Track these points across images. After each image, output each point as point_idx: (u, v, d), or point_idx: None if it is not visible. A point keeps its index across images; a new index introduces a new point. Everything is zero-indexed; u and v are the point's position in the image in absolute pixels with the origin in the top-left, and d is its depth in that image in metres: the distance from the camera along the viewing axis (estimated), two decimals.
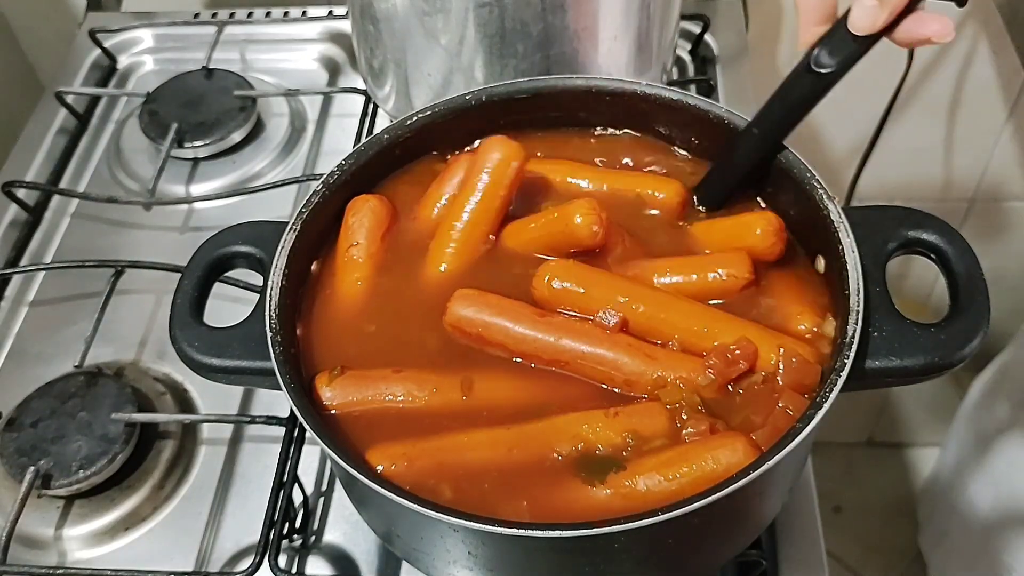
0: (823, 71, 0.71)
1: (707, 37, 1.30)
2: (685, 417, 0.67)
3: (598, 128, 0.88)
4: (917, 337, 0.68)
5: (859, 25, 0.67)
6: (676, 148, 0.87)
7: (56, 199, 1.21)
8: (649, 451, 0.66)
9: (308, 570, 0.87)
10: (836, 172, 1.66)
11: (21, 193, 1.18)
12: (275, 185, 1.14)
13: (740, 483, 0.59)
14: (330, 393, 0.72)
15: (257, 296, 0.75)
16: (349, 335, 0.76)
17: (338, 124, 1.28)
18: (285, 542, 0.85)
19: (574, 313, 0.73)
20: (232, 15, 1.39)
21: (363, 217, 0.81)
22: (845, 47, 0.71)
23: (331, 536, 0.89)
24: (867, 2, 0.66)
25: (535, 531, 0.59)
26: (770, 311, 0.74)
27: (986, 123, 1.62)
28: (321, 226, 0.81)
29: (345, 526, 0.89)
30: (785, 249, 0.76)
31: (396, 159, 0.86)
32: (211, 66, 1.28)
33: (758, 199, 0.82)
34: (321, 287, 0.80)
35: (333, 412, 0.71)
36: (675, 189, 0.82)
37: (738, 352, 0.68)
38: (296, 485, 0.88)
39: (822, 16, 0.71)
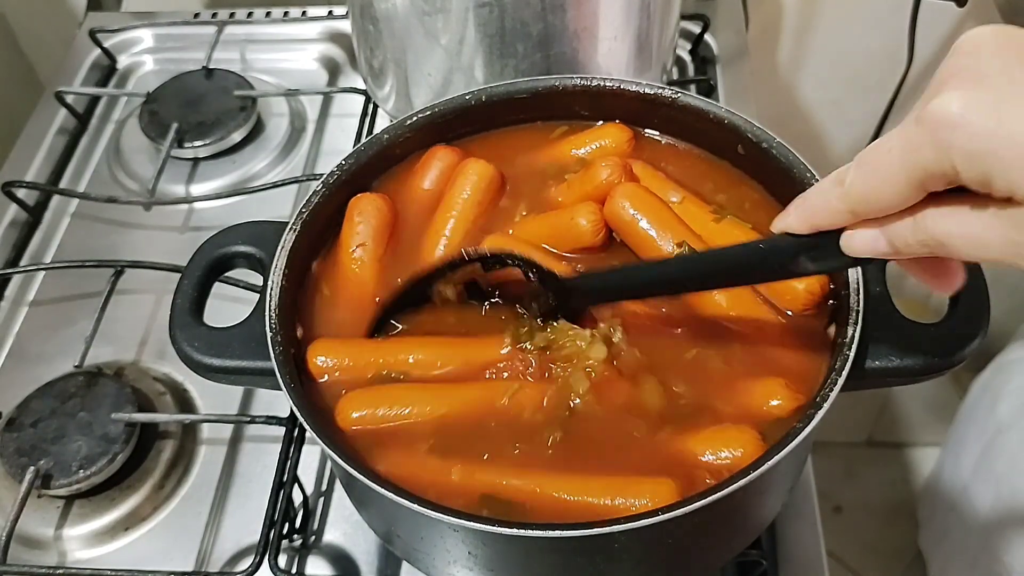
0: (798, 271, 0.61)
1: (707, 37, 1.30)
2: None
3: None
4: (917, 337, 0.68)
5: (855, 249, 0.55)
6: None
7: (56, 199, 1.21)
8: None
9: (308, 570, 0.87)
10: None
11: (21, 193, 1.18)
12: (275, 185, 1.14)
13: (740, 483, 0.59)
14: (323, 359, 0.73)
15: (257, 296, 0.75)
16: (351, 334, 0.76)
17: (338, 124, 1.28)
18: (285, 542, 0.85)
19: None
20: (232, 15, 1.39)
21: (369, 217, 0.80)
22: (833, 260, 0.57)
23: (331, 536, 0.89)
24: (869, 234, 0.53)
25: (535, 531, 0.59)
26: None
27: None
28: (321, 226, 0.81)
29: (345, 526, 0.89)
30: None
31: (396, 159, 0.86)
32: (211, 66, 1.28)
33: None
34: (321, 287, 0.80)
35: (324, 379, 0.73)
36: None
37: None
38: (296, 485, 0.88)
39: (822, 222, 0.56)
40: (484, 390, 0.71)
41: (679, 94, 0.84)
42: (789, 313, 0.73)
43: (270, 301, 0.72)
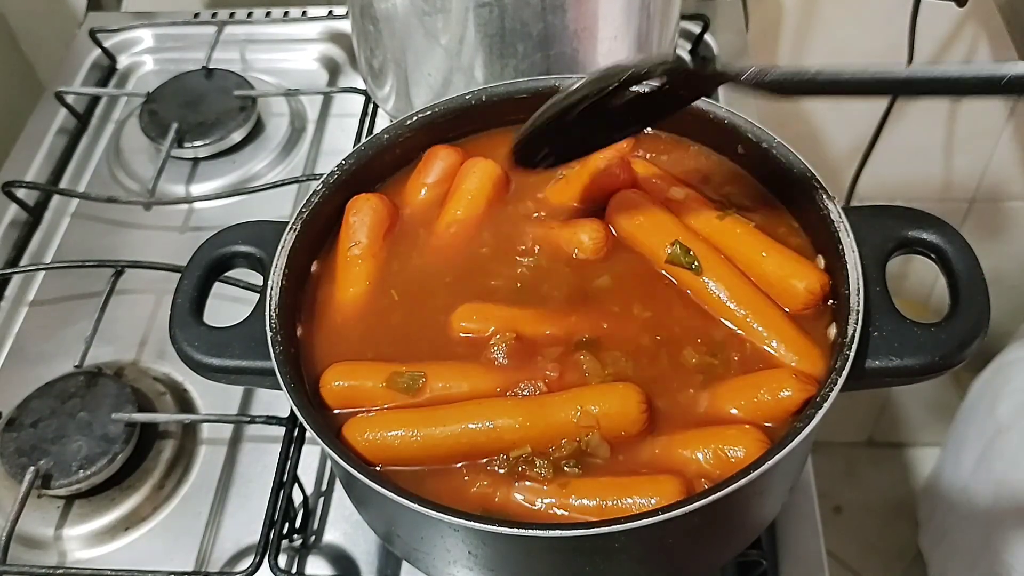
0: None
1: (707, 37, 1.30)
2: None
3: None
4: (917, 337, 0.68)
5: None
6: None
7: (56, 199, 1.21)
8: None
9: (308, 570, 0.87)
10: (836, 172, 1.66)
11: (21, 193, 1.18)
12: (275, 185, 1.14)
13: (741, 482, 0.59)
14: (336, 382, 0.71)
15: (257, 296, 0.75)
16: (351, 334, 0.77)
17: (338, 124, 1.28)
18: (285, 542, 0.85)
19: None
20: (232, 15, 1.39)
21: (364, 216, 0.81)
22: None
23: (331, 536, 0.89)
24: None
25: (535, 531, 0.59)
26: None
27: (986, 123, 1.62)
28: (321, 226, 0.81)
29: (345, 526, 0.89)
30: None
31: (396, 159, 0.86)
32: (211, 66, 1.28)
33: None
34: (321, 287, 0.80)
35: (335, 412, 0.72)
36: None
37: None
38: (296, 485, 0.88)
39: None
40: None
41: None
42: (788, 312, 0.73)
43: (270, 301, 0.72)
